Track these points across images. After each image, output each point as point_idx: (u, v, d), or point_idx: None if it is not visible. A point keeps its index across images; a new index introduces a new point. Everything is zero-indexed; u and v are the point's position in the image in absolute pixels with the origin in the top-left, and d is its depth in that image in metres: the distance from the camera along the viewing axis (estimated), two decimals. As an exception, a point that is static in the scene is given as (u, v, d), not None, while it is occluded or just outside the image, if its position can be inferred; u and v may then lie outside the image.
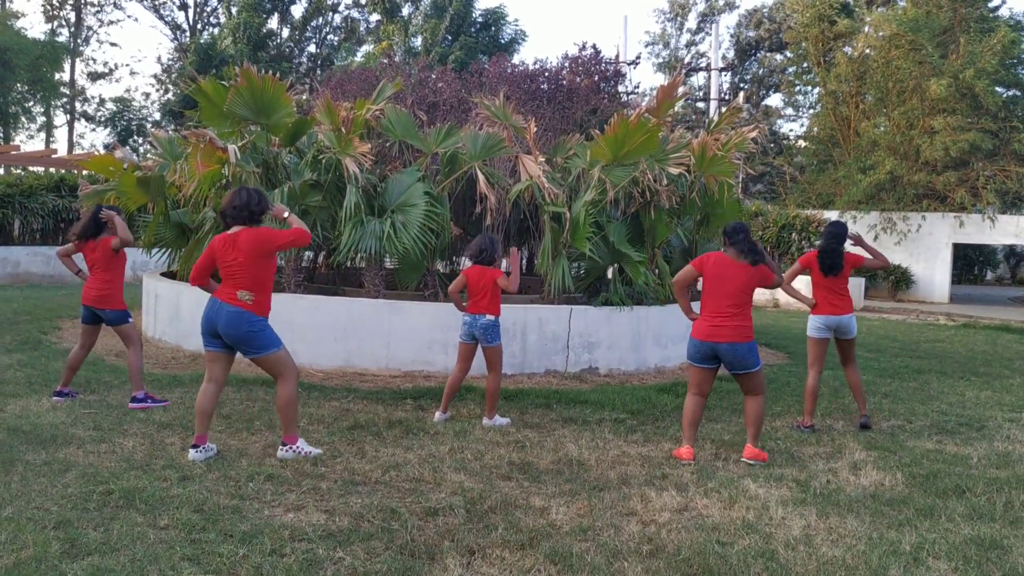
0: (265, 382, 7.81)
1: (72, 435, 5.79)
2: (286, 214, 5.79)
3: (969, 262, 38.73)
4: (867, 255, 7.33)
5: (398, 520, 4.43)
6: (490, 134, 9.63)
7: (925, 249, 24.12)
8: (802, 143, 33.31)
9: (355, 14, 47.79)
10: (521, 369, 8.86)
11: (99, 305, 6.94)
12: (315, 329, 8.76)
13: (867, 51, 25.83)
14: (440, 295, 9.64)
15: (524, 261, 12.53)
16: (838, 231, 7.10)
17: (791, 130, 44.39)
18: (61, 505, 4.43)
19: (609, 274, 10.01)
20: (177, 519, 4.29)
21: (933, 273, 24.10)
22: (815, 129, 29.64)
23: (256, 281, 5.43)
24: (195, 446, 5.41)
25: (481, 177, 9.32)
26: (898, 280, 23.75)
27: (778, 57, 41.39)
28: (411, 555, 4.02)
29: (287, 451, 5.52)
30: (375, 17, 43.89)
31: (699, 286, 6.38)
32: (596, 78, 13.53)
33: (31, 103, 39.38)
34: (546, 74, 13.51)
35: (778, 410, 7.68)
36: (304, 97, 14.08)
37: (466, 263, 10.13)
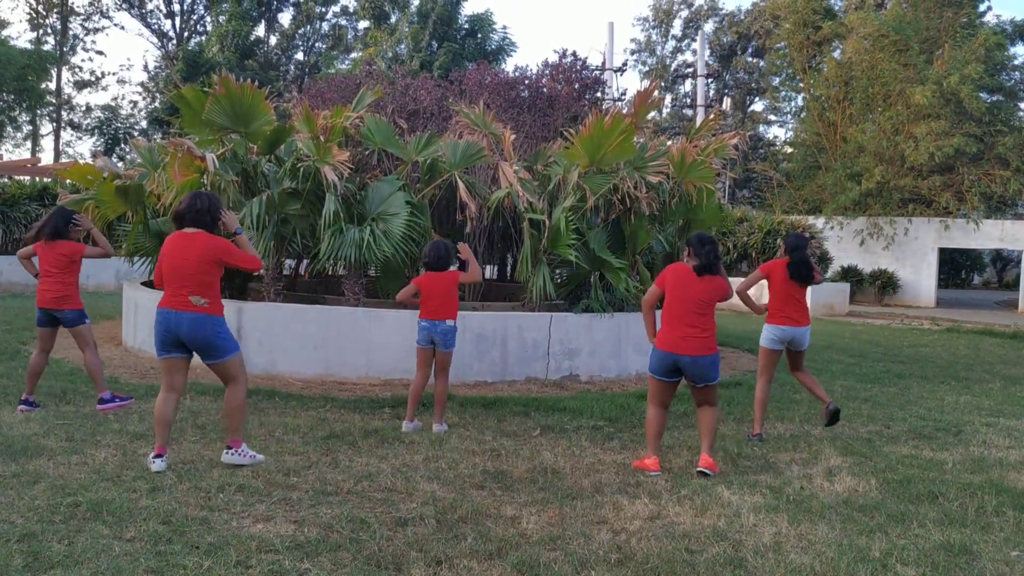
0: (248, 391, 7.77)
1: (44, 446, 5.74)
2: (237, 230, 5.77)
3: (956, 266, 38.98)
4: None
5: (367, 530, 4.41)
6: (469, 143, 9.63)
7: (911, 254, 24.24)
8: (788, 148, 33.46)
9: (343, 22, 47.89)
10: (501, 377, 8.85)
11: (58, 306, 6.87)
12: (294, 338, 8.73)
13: (853, 56, 25.98)
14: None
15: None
16: (803, 243, 7.13)
17: (776, 136, 44.55)
18: (27, 518, 4.38)
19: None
20: (144, 531, 4.25)
21: (919, 278, 24.22)
22: (801, 135, 29.79)
23: (204, 285, 5.42)
24: (159, 455, 5.39)
25: (461, 185, 9.31)
26: (884, 285, 23.86)
27: (761, 63, 41.59)
28: (377, 566, 3.99)
29: (232, 455, 5.47)
30: (363, 24, 43.96)
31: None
32: (577, 85, 13.56)
33: (17, 112, 39.27)
34: (526, 82, 13.54)
35: (752, 417, 7.66)
36: (291, 104, 14.05)
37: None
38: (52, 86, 41.68)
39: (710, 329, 5.81)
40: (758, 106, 46.94)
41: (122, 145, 39.37)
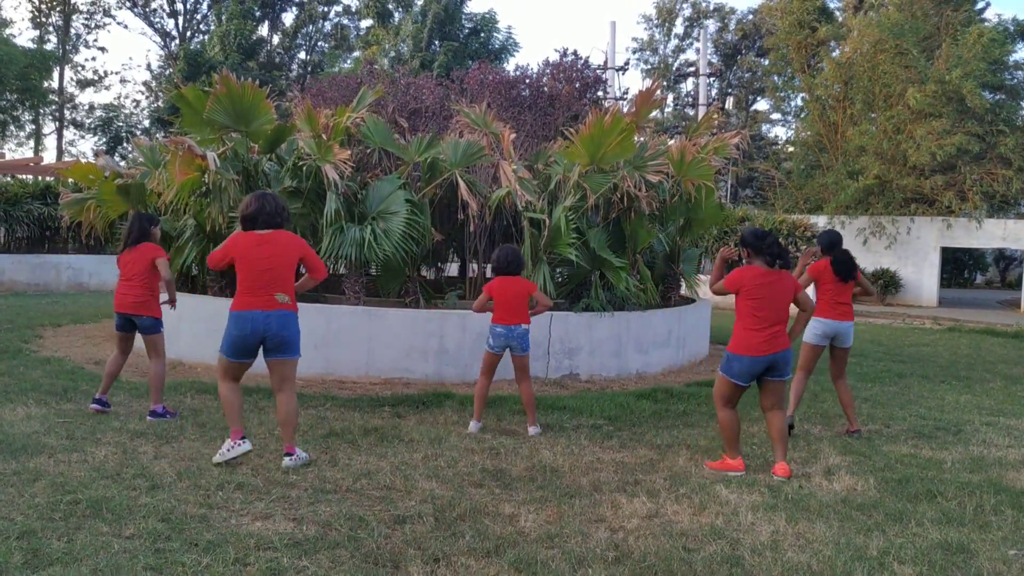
0: (248, 390, 7.79)
1: (44, 444, 5.77)
2: None
3: (959, 265, 38.93)
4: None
5: (365, 528, 4.42)
6: (470, 142, 9.64)
7: (913, 253, 24.22)
8: (790, 148, 33.46)
9: (345, 21, 47.95)
10: (502, 375, 8.78)
11: (137, 311, 6.85)
12: (295, 336, 8.74)
13: (854, 56, 25.98)
14: (422, 301, 9.64)
15: None
16: (838, 238, 7.21)
17: (777, 136, 44.53)
18: (27, 515, 4.40)
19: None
20: (143, 528, 4.27)
21: (921, 277, 24.20)
22: (802, 134, 29.79)
23: (290, 282, 5.57)
24: (243, 438, 5.52)
25: (462, 184, 9.32)
26: (887, 284, 23.84)
27: (764, 61, 41.57)
28: (375, 563, 4.01)
29: (293, 460, 5.50)
30: (366, 23, 43.99)
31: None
32: (578, 84, 13.56)
33: (20, 111, 39.32)
34: (527, 81, 13.55)
35: (756, 415, 7.66)
36: (292, 103, 14.07)
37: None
38: (55, 85, 41.75)
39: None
40: (761, 105, 46.96)
41: (124, 144, 39.43)
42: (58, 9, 43.72)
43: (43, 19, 43.88)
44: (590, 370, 9.28)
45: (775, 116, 42.43)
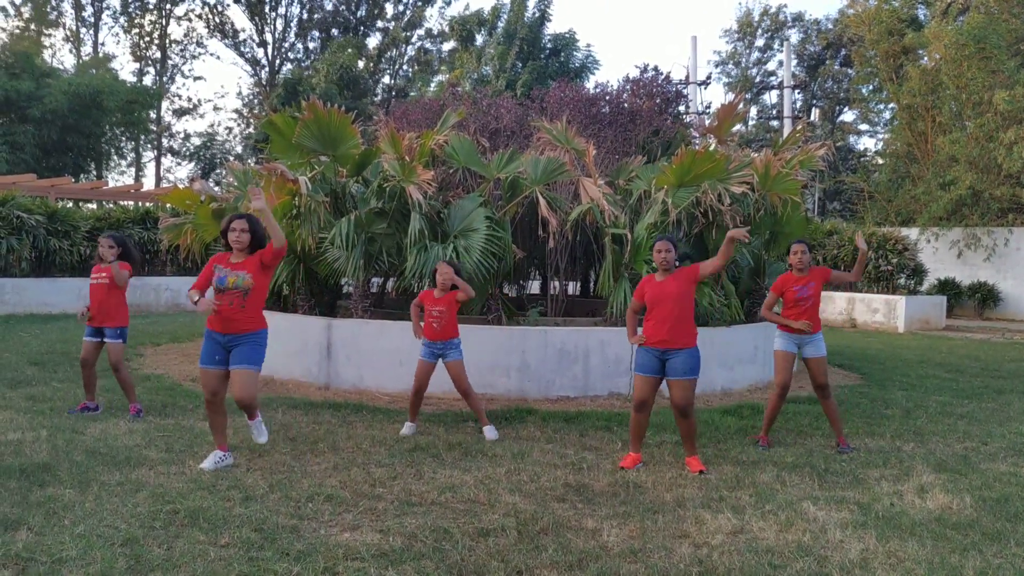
0: (332, 406, 8.03)
1: (145, 457, 6.03)
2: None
3: (1065, 278, 37.13)
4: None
5: (450, 540, 4.50)
6: (551, 158, 9.72)
7: (1013, 265, 23.26)
8: (879, 160, 32.59)
9: (428, 45, 48.86)
10: (584, 392, 8.86)
11: None
12: (381, 353, 8.94)
13: (939, 63, 25.20)
14: (504, 318, 9.72)
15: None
16: None
17: (867, 148, 43.39)
18: (130, 523, 4.62)
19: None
20: (237, 537, 4.43)
21: (1023, 290, 23.20)
22: (892, 145, 28.99)
23: None
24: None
25: (543, 201, 9.40)
26: (984, 297, 22.94)
27: (850, 72, 40.63)
28: (459, 575, 4.07)
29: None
30: (448, 46, 44.76)
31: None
32: (658, 100, 13.52)
33: (122, 142, 41.22)
34: (607, 97, 13.57)
35: (844, 431, 7.48)
36: (377, 127, 14.40)
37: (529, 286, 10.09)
38: (153, 115, 43.68)
39: None
40: (847, 116, 45.91)
41: (218, 170, 40.90)
42: (156, 43, 45.78)
43: (143, 52, 45.99)
44: (673, 386, 9.18)
45: (863, 127, 41.40)
